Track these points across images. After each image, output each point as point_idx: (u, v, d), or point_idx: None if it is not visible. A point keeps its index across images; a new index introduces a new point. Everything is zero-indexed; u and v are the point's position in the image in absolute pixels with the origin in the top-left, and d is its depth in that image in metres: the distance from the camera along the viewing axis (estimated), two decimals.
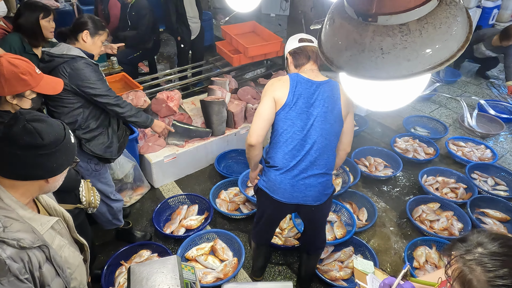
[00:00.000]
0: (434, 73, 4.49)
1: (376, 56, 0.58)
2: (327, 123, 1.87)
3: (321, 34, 0.69)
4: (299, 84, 1.85)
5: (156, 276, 1.95)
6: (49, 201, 1.43)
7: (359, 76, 0.61)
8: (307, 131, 1.87)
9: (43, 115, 1.25)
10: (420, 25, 0.56)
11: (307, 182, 1.92)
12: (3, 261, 1.11)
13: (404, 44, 0.56)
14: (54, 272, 1.28)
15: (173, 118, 3.54)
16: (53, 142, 1.18)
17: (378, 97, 0.68)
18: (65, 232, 1.45)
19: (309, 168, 1.91)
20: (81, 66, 2.13)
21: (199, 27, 4.69)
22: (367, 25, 0.57)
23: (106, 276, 2.49)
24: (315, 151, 1.89)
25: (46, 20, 2.63)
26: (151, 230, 2.99)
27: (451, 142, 3.91)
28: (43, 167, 1.20)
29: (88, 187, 2.11)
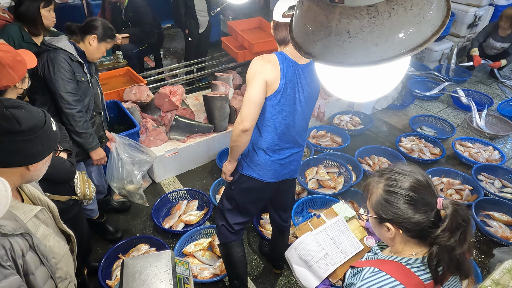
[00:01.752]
0: (444, 72, 4.38)
1: (343, 40, 0.54)
2: (308, 107, 1.91)
3: (292, 19, 0.66)
4: (288, 68, 1.76)
5: (149, 270, 1.94)
6: (33, 191, 1.43)
7: (327, 63, 0.58)
8: (293, 115, 1.86)
9: (23, 102, 1.24)
10: (389, 7, 0.51)
11: (291, 158, 1.99)
12: None
13: (372, 27, 0.52)
14: (38, 261, 1.28)
15: (176, 113, 3.53)
16: (31, 128, 1.17)
17: (352, 86, 0.64)
18: (51, 222, 1.44)
19: (293, 147, 1.97)
20: (56, 58, 2.09)
21: (207, 21, 4.68)
22: (334, 7, 0.53)
23: (103, 268, 2.50)
24: (297, 132, 1.94)
25: (46, 10, 2.65)
26: (151, 224, 2.99)
27: (458, 143, 3.82)
28: (22, 153, 1.19)
29: (83, 179, 2.11)
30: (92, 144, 2.35)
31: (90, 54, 2.28)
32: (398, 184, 1.04)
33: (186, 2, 4.35)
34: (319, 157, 3.53)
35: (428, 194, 1.04)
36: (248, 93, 1.75)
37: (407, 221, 1.03)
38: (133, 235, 2.90)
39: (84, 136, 2.29)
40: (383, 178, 1.10)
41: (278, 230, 2.42)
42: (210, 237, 2.80)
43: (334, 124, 4.15)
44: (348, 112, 4.33)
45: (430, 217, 1.02)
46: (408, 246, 1.10)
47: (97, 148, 2.40)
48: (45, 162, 1.31)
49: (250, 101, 1.75)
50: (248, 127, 1.78)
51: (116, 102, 3.35)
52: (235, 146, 1.89)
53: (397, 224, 1.05)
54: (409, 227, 1.04)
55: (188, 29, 4.56)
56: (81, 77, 2.23)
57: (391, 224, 1.05)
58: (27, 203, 1.41)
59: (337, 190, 3.18)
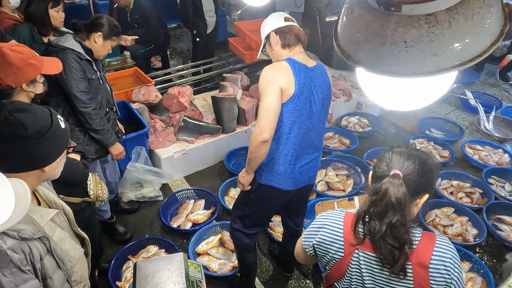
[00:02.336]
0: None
1: (399, 49, 0.53)
2: (324, 108, 1.89)
3: (337, 26, 0.64)
4: (300, 72, 1.76)
5: (162, 273, 1.94)
6: (48, 194, 1.42)
7: (379, 72, 0.56)
8: (311, 119, 1.84)
9: (26, 103, 1.20)
10: (449, 16, 0.50)
11: (310, 165, 1.96)
12: (4, 252, 1.10)
13: (430, 37, 0.51)
14: (55, 265, 1.27)
15: (184, 114, 3.52)
16: (38, 131, 1.14)
17: (398, 96, 0.62)
18: (66, 225, 1.43)
19: (312, 152, 1.94)
20: (66, 58, 2.09)
21: (214, 21, 4.67)
22: (390, 15, 0.52)
23: (113, 270, 2.49)
24: (316, 135, 1.91)
25: (55, 10, 2.64)
26: (158, 224, 2.98)
27: (467, 145, 3.79)
28: (33, 158, 1.17)
29: (96, 180, 2.11)
30: (110, 139, 2.37)
31: (96, 51, 2.27)
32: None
33: (194, 2, 4.35)
34: (328, 159, 3.51)
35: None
36: (263, 103, 1.71)
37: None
38: (142, 235, 2.89)
39: (102, 133, 2.31)
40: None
41: (290, 235, 2.39)
42: (219, 234, 2.82)
43: (342, 125, 4.13)
44: (356, 114, 4.31)
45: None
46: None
47: (115, 143, 2.42)
48: (60, 160, 1.29)
49: (267, 110, 1.70)
50: (267, 138, 1.73)
51: (125, 103, 3.35)
52: (255, 158, 1.82)
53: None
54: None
55: (196, 30, 4.55)
56: (91, 75, 2.23)
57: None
58: (43, 207, 1.40)
59: (347, 193, 3.16)
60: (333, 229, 1.24)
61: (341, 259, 1.22)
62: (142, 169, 3.01)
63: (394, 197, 1.03)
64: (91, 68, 2.23)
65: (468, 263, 2.58)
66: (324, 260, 1.29)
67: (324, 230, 1.26)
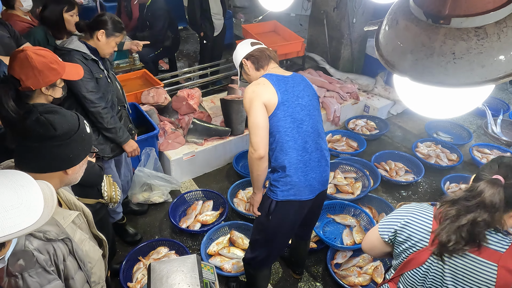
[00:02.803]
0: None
1: (447, 61, 0.54)
2: (316, 110, 1.93)
3: (379, 36, 0.66)
4: (279, 81, 1.82)
5: (176, 274, 1.95)
6: (69, 196, 1.44)
7: (425, 82, 0.58)
8: (306, 121, 1.86)
9: (56, 106, 1.24)
10: (498, 29, 0.52)
11: (322, 168, 1.94)
12: (30, 253, 1.13)
13: (479, 49, 0.52)
14: (76, 265, 1.29)
15: (193, 116, 3.54)
16: (66, 132, 1.18)
17: (439, 104, 0.64)
18: (85, 226, 1.46)
19: (319, 154, 1.92)
20: (72, 60, 2.10)
21: (222, 24, 4.69)
22: (438, 28, 0.54)
23: (124, 271, 2.51)
24: (318, 138, 1.92)
25: (69, 14, 2.67)
26: (168, 225, 3.00)
27: (475, 149, 3.80)
28: (59, 158, 1.20)
29: (110, 182, 2.13)
30: (123, 137, 2.40)
31: (101, 49, 2.27)
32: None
33: (201, 5, 4.37)
34: (336, 162, 3.53)
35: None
36: (250, 121, 1.77)
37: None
38: (152, 236, 2.91)
39: (114, 131, 2.33)
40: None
41: (300, 238, 2.38)
42: (227, 234, 2.84)
43: (349, 128, 4.14)
44: (363, 117, 4.32)
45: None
46: None
47: (129, 140, 2.44)
48: (82, 165, 1.32)
49: (256, 128, 1.75)
50: (263, 154, 1.77)
51: (134, 105, 3.37)
52: (257, 176, 1.85)
53: None
54: None
55: (203, 32, 4.58)
56: (98, 74, 2.24)
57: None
58: (64, 209, 1.43)
59: (355, 196, 3.17)
60: (421, 218, 1.28)
61: (423, 248, 1.25)
62: (151, 174, 3.03)
63: (489, 200, 1.08)
64: (97, 68, 2.24)
65: None
66: (401, 247, 1.32)
67: (411, 216, 1.30)
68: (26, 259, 1.12)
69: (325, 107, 4.06)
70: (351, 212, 3.02)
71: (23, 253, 1.12)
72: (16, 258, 1.10)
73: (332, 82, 4.37)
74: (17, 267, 1.10)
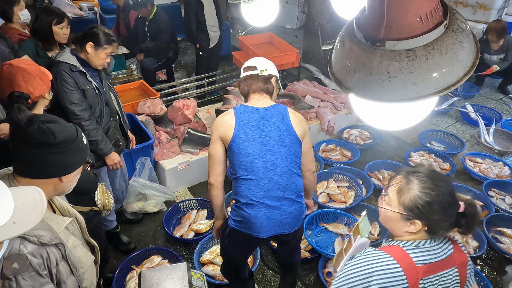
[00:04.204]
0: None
1: (383, 79, 0.60)
2: (284, 146, 1.79)
3: (332, 56, 0.72)
4: (244, 113, 1.80)
5: (166, 282, 1.98)
6: (62, 203, 1.50)
7: (367, 98, 0.63)
8: (265, 157, 1.77)
9: (57, 117, 1.32)
10: (426, 51, 0.57)
11: (281, 210, 1.81)
12: (24, 256, 1.17)
13: (410, 69, 0.58)
14: (69, 270, 1.33)
15: (188, 126, 3.60)
16: (65, 141, 1.25)
17: (386, 117, 0.70)
18: (78, 233, 1.50)
19: (280, 195, 1.80)
20: (58, 72, 2.15)
21: (218, 36, 4.79)
22: (375, 49, 0.59)
23: (117, 279, 2.54)
24: (280, 177, 1.79)
25: (59, 27, 2.68)
26: (162, 233, 3.03)
27: (467, 158, 3.84)
28: (56, 165, 1.26)
29: (103, 190, 2.17)
30: (103, 150, 2.41)
31: (91, 61, 2.31)
32: (437, 188, 1.11)
33: (197, 17, 4.47)
34: (329, 171, 3.57)
35: (456, 198, 1.16)
36: (209, 151, 1.87)
37: (436, 222, 1.12)
38: (146, 245, 2.94)
39: (94, 143, 2.35)
40: (414, 179, 1.16)
41: (283, 268, 2.34)
42: None
43: (344, 138, 4.19)
44: (357, 126, 4.38)
45: (452, 219, 1.14)
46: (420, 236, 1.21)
47: (111, 153, 2.45)
48: (76, 174, 1.38)
49: (209, 157, 1.87)
50: (212, 182, 1.86)
51: (131, 115, 3.43)
52: (211, 201, 1.97)
53: (426, 223, 1.13)
54: (434, 226, 1.14)
55: (199, 44, 4.67)
56: (85, 86, 2.27)
57: (421, 221, 1.13)
58: (58, 215, 1.47)
59: (348, 205, 3.20)
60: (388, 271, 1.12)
61: None
62: (145, 184, 3.08)
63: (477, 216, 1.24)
64: (84, 79, 2.27)
65: None
66: None
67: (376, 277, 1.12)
68: (20, 263, 1.16)
69: (319, 117, 4.12)
70: (343, 221, 3.05)
71: (17, 256, 1.16)
72: (10, 261, 1.15)
73: (327, 92, 4.44)
74: (11, 270, 1.14)
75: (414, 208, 1.13)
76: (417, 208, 1.12)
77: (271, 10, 1.71)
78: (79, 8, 6.14)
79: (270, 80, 1.92)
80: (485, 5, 5.21)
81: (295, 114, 1.88)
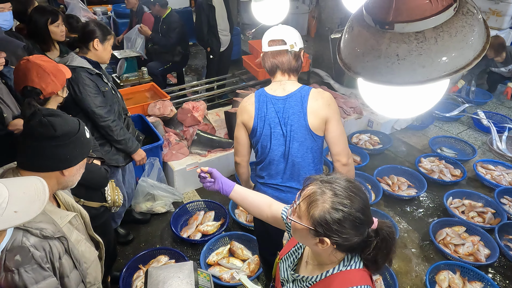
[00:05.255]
0: (464, 94, 4.37)
1: (392, 62, 0.60)
2: (296, 141, 1.77)
3: (340, 42, 0.72)
4: (263, 105, 1.76)
5: (172, 280, 1.98)
6: (67, 198, 1.51)
7: (375, 81, 0.63)
8: (281, 151, 1.80)
9: (60, 111, 1.34)
10: (435, 33, 0.57)
11: (289, 196, 1.87)
12: (27, 249, 1.18)
13: (419, 51, 0.58)
14: (72, 264, 1.34)
15: (197, 128, 3.62)
16: (66, 134, 1.26)
17: (395, 103, 0.69)
18: (82, 228, 1.51)
19: (289, 184, 1.88)
20: (78, 78, 2.17)
21: (228, 40, 4.83)
22: (384, 32, 0.59)
23: (124, 278, 2.54)
24: (291, 168, 1.83)
25: (54, 25, 2.65)
26: (169, 234, 3.04)
27: (479, 165, 3.77)
28: (57, 158, 1.27)
29: (113, 186, 2.20)
30: (132, 147, 2.48)
31: (100, 58, 2.32)
32: (350, 205, 1.00)
33: (209, 21, 4.53)
34: None
35: (370, 214, 1.05)
36: (234, 132, 1.91)
37: (345, 240, 1.01)
38: (153, 245, 2.95)
39: (123, 142, 2.41)
40: (328, 190, 1.03)
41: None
42: (227, 244, 2.86)
43: (353, 143, 4.17)
44: (367, 131, 4.35)
45: (364, 236, 1.03)
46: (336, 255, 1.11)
47: (138, 149, 2.52)
48: (79, 168, 1.38)
49: (236, 140, 1.92)
50: (238, 161, 1.95)
51: (141, 116, 3.47)
52: (238, 176, 2.06)
53: (335, 240, 1.02)
54: (344, 244, 1.03)
55: (210, 47, 4.72)
56: (104, 88, 2.30)
57: (329, 238, 1.02)
58: (62, 209, 1.49)
59: None
60: None
61: None
62: (154, 185, 3.10)
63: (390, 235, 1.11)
64: (102, 81, 2.30)
65: (480, 283, 2.54)
66: None
67: None
68: (23, 255, 1.17)
69: None
70: None
71: (20, 249, 1.17)
72: (13, 253, 1.16)
73: (336, 97, 4.43)
74: (14, 262, 1.15)
75: (323, 224, 1.00)
76: (326, 224, 1.00)
77: (281, 8, 1.72)
78: (93, 13, 6.26)
79: (299, 55, 1.75)
80: (498, 11, 5.17)
81: (317, 99, 1.70)
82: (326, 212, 1.00)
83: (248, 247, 2.82)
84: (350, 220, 0.99)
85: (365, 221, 1.02)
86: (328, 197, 1.01)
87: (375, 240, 1.04)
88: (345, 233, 1.00)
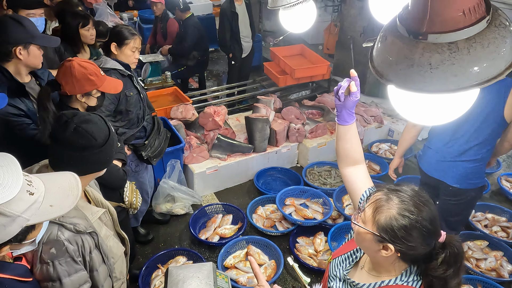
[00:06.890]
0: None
1: (425, 70, 0.62)
2: (485, 123, 2.06)
3: (373, 51, 0.75)
4: None
5: (192, 280, 2.01)
6: (96, 195, 1.57)
7: (407, 89, 0.66)
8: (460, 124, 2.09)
9: (86, 114, 1.38)
10: (468, 44, 0.59)
11: (452, 164, 2.23)
12: (61, 242, 1.24)
13: (452, 61, 0.60)
14: (101, 259, 1.40)
15: (218, 132, 3.68)
16: (104, 139, 1.33)
17: (425, 111, 0.71)
18: (110, 224, 1.57)
19: (457, 155, 2.20)
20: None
21: (250, 47, 4.91)
22: (418, 42, 0.62)
23: (143, 277, 2.60)
24: (466, 143, 2.15)
25: (85, 29, 2.82)
26: (187, 235, 3.09)
27: (504, 178, 3.68)
28: (98, 162, 1.34)
29: (132, 188, 2.24)
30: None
31: (123, 61, 2.34)
32: (417, 213, 0.99)
33: (231, 27, 4.62)
34: None
35: (438, 226, 1.03)
36: None
37: (411, 248, 1.00)
38: (172, 246, 3.00)
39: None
40: (395, 197, 1.03)
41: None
42: (244, 248, 2.88)
43: (373, 151, 4.13)
44: (388, 141, 4.31)
45: (431, 248, 1.01)
46: (398, 265, 1.10)
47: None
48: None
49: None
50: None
51: (164, 119, 3.56)
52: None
53: (399, 248, 1.00)
54: (409, 253, 1.02)
55: (232, 53, 4.80)
56: (129, 92, 2.32)
57: (393, 245, 1.01)
58: (92, 205, 1.55)
59: None
60: None
61: None
62: (174, 187, 3.17)
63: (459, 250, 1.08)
64: (131, 84, 2.33)
65: None
66: None
67: None
68: (57, 248, 1.24)
69: None
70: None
71: (55, 242, 1.23)
72: (48, 246, 1.22)
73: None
74: (49, 254, 1.22)
75: (389, 230, 1.00)
76: (392, 230, 0.99)
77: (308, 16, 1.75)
78: (120, 18, 6.46)
79: None
80: None
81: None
82: (392, 218, 1.00)
83: (265, 252, 2.84)
84: (417, 228, 0.98)
85: (433, 232, 1.00)
86: (395, 203, 1.01)
87: (442, 254, 1.01)
88: (411, 241, 0.98)
